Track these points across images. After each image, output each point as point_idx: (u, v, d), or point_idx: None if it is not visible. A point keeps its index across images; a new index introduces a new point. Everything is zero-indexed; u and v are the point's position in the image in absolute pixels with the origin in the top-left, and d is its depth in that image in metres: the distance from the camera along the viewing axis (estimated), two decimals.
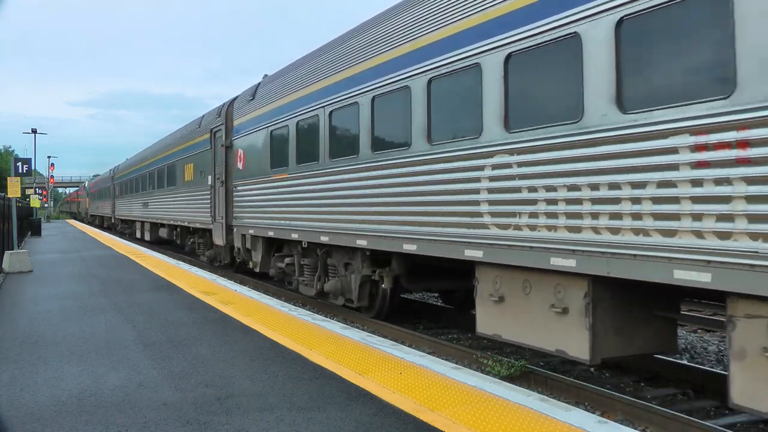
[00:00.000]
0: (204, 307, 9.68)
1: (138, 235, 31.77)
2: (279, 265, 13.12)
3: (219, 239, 16.65)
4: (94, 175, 63.34)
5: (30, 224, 35.55)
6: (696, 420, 5.70)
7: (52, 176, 78.16)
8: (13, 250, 16.55)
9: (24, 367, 6.17)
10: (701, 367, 7.68)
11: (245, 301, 10.21)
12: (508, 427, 4.27)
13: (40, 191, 47.23)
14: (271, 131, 12.90)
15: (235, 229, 15.27)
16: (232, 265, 17.24)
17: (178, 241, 23.37)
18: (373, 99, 9.11)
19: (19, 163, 18.10)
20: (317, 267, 11.53)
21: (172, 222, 23.17)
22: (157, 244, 27.94)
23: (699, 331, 10.20)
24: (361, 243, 9.35)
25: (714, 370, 7.59)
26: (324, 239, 10.51)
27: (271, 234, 12.85)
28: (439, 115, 7.89)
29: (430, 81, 7.96)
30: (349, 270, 10.53)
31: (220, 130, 16.64)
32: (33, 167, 23.53)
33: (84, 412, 4.79)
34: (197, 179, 19.04)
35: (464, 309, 11.26)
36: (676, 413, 5.81)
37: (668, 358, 7.97)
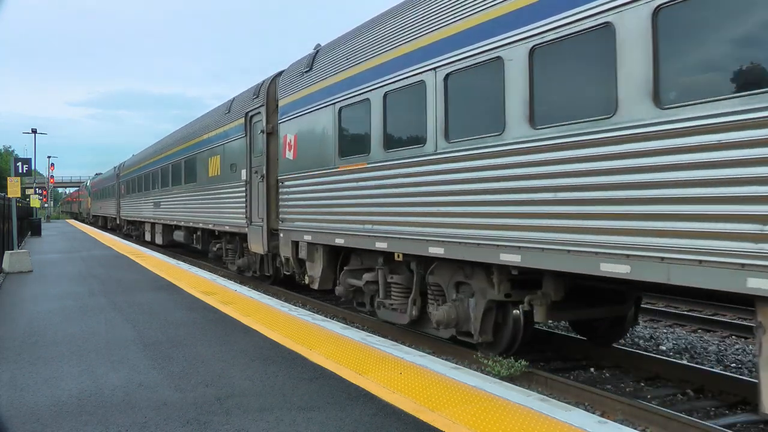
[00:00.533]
0: (204, 307, 9.68)
1: (147, 237, 28.43)
2: (352, 281, 10.15)
3: (257, 246, 13.57)
4: (96, 174, 62.56)
5: (30, 224, 35.55)
6: (696, 420, 5.70)
7: (52, 176, 78.21)
8: (13, 250, 16.56)
9: (24, 367, 6.18)
10: (701, 367, 7.68)
11: (245, 301, 10.21)
12: (508, 427, 4.27)
13: (40, 191, 47.23)
14: (340, 109, 9.90)
15: (281, 235, 12.22)
16: (269, 277, 14.44)
17: (199, 247, 19.99)
18: (531, 50, 6.23)
19: (19, 163, 18.11)
20: (411, 287, 8.85)
21: (191, 224, 19.88)
22: (171, 247, 25.24)
23: (699, 331, 10.20)
24: (510, 258, 6.53)
25: (714, 370, 7.60)
26: (436, 251, 7.66)
27: (340, 242, 9.89)
28: (678, 61, 5.07)
29: (657, 10, 5.13)
30: (465, 292, 7.94)
31: (258, 113, 13.67)
32: (33, 167, 23.54)
33: (84, 412, 4.80)
34: (226, 174, 16.05)
35: (605, 340, 8.49)
36: (676, 413, 5.81)
37: (668, 359, 7.97)
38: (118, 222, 39.22)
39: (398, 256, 8.82)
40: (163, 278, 13.51)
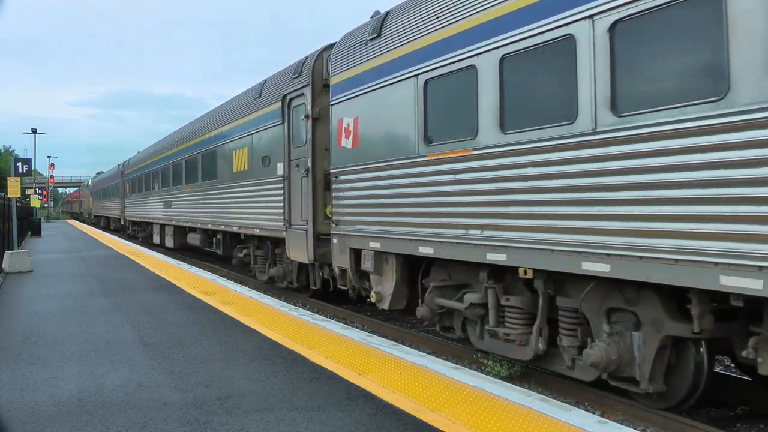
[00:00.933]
0: (204, 307, 9.68)
1: (156, 240, 25.88)
2: (443, 302, 8.00)
3: (300, 254, 11.46)
4: (98, 173, 62.01)
5: (30, 224, 35.61)
6: (696, 421, 5.70)
7: (52, 176, 78.28)
8: (13, 250, 16.57)
9: (24, 367, 6.18)
10: None
11: (245, 301, 10.21)
12: (508, 427, 4.27)
13: (40, 191, 47.24)
14: (426, 81, 7.82)
15: (334, 241, 10.08)
16: (309, 289, 12.36)
17: (220, 252, 17.51)
18: None
19: (19, 163, 18.13)
20: (535, 312, 6.74)
21: (209, 226, 17.52)
22: (182, 251, 23.12)
23: None
24: (741, 284, 4.52)
25: (714, 370, 7.58)
26: (597, 268, 5.53)
27: (426, 251, 7.78)
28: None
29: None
30: (624, 323, 5.89)
31: (300, 94, 11.54)
32: (33, 167, 23.55)
33: (84, 412, 4.80)
34: (255, 168, 13.77)
35: None
36: (676, 414, 5.81)
37: None
38: (122, 223, 37.64)
39: (526, 273, 6.45)
40: (163, 278, 13.51)
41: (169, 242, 23.42)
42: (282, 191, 12.21)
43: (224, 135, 16.27)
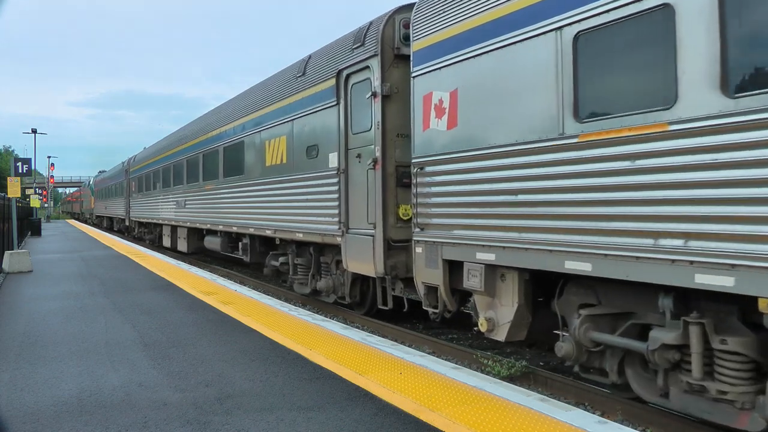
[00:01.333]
0: (204, 307, 9.69)
1: (166, 243, 23.49)
2: (603, 339, 5.87)
3: (364, 265, 9.35)
4: (100, 171, 61.21)
5: (30, 224, 35.62)
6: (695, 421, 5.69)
7: (52, 176, 78.35)
8: (13, 250, 16.57)
9: (24, 367, 6.18)
10: None
11: (245, 301, 10.21)
12: (508, 427, 4.27)
13: (40, 191, 47.26)
14: (577, 35, 5.64)
15: (418, 249, 8.05)
16: (360, 304, 10.77)
17: (246, 258, 14.74)
18: None
19: (19, 163, 18.16)
20: (763, 361, 4.79)
21: (235, 229, 15.06)
22: (197, 254, 21.01)
23: None
24: None
25: None
26: None
27: (580, 268, 5.64)
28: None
29: None
30: None
31: (365, 68, 9.41)
32: (33, 167, 23.57)
33: (84, 412, 4.80)
34: (297, 160, 11.59)
35: None
36: (676, 414, 5.80)
37: None
38: (127, 224, 34.78)
39: None
40: (163, 278, 13.52)
41: (182, 246, 21.03)
42: (337, 188, 10.08)
43: (253, 124, 14.03)
